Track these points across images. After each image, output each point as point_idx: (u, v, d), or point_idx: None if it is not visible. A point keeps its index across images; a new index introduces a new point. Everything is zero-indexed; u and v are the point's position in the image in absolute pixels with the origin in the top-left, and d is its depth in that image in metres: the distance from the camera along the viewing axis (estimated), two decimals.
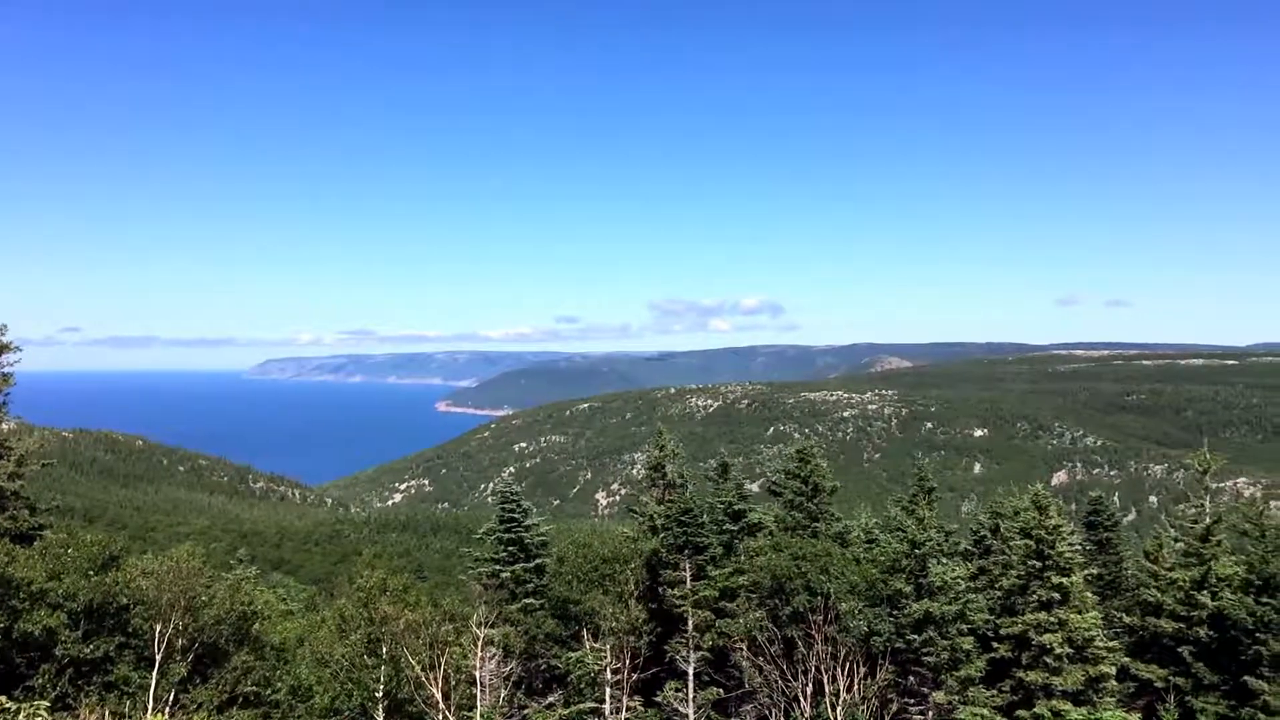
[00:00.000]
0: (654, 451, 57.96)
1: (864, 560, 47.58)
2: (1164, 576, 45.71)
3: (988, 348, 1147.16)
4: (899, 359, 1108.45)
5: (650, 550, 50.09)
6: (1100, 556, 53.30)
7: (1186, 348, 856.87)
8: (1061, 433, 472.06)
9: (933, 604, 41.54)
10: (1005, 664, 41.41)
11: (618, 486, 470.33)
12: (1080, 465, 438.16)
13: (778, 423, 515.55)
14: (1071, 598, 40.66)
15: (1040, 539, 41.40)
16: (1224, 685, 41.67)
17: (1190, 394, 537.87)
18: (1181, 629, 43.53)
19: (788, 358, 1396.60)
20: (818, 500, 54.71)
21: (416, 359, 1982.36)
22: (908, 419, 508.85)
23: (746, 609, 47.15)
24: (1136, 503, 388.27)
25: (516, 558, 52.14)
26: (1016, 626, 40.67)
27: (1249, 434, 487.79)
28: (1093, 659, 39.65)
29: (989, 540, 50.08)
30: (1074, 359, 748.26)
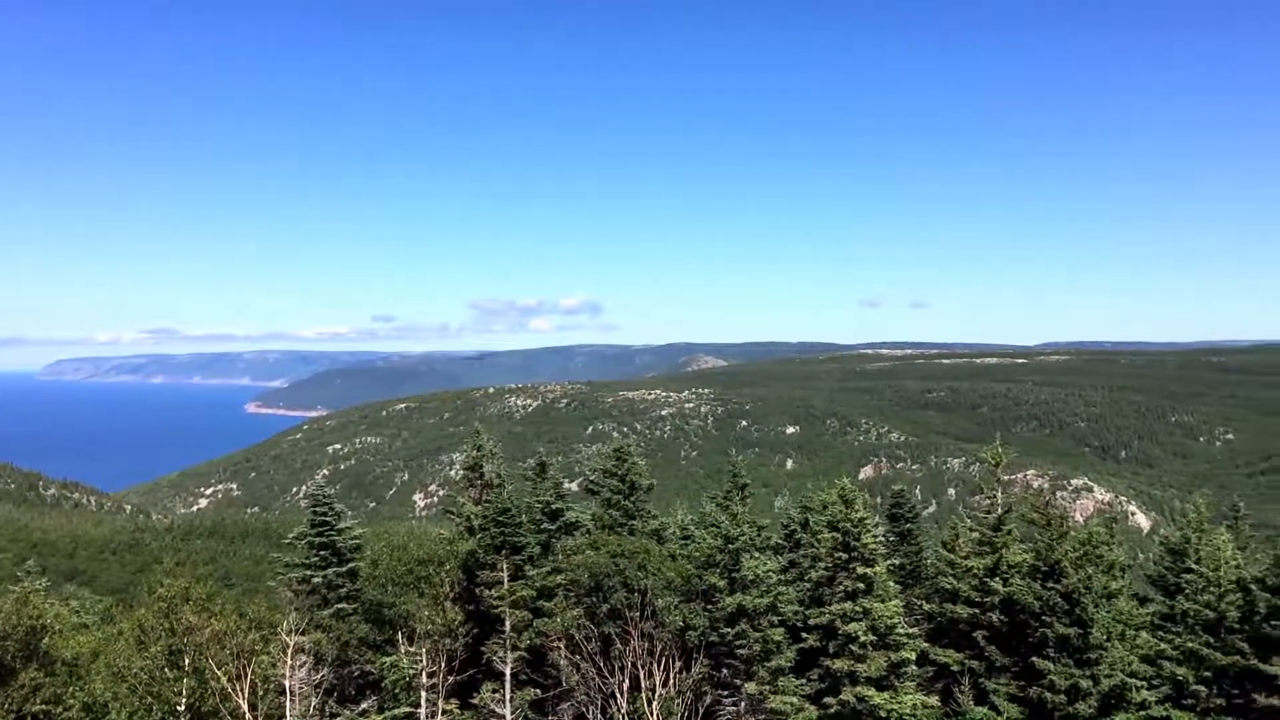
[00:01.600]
0: (471, 452, 57.43)
1: (680, 556, 48.34)
2: (960, 565, 47.93)
3: (800, 347, 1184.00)
4: (715, 358, 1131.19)
5: (467, 551, 49.60)
6: (902, 547, 55.55)
7: (981, 347, 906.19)
8: (868, 429, 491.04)
9: (745, 597, 42.54)
10: (814, 653, 42.73)
11: (436, 488, 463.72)
12: (886, 460, 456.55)
13: (597, 421, 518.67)
14: (875, 587, 42.27)
15: (846, 532, 42.88)
16: (1014, 667, 44.06)
17: (985, 391, 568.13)
18: (976, 614, 45.76)
19: (607, 357, 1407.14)
20: (635, 498, 55.28)
21: (224, 359, 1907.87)
22: (723, 417, 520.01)
23: (564, 608, 47.25)
24: (937, 495, 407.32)
25: (329, 562, 50.79)
26: (824, 617, 42.01)
27: (1038, 428, 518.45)
28: (895, 645, 41.33)
29: (799, 534, 51.59)
30: (880, 358, 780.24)
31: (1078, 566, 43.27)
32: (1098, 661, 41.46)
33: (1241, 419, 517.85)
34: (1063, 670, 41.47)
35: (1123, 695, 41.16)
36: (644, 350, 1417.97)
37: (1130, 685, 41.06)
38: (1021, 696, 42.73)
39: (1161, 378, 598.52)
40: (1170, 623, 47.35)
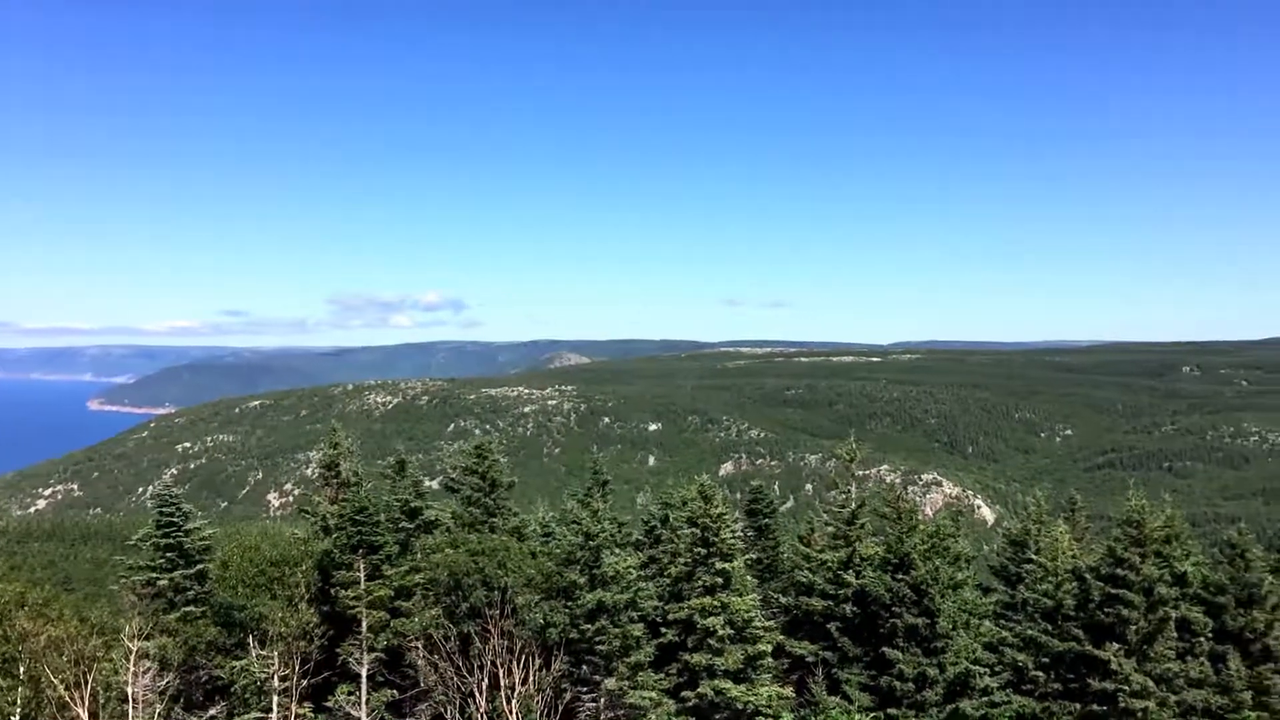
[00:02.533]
0: (328, 449, 56.21)
1: (541, 554, 48.23)
2: (815, 559, 49.06)
3: (662, 345, 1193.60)
4: (578, 355, 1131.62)
5: (322, 551, 48.51)
6: (760, 542, 56.54)
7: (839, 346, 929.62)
8: (729, 426, 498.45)
9: (606, 594, 42.70)
10: (673, 648, 43.18)
11: (291, 486, 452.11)
12: (745, 456, 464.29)
13: (458, 419, 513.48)
14: (733, 582, 42.96)
15: (706, 527, 43.47)
16: (866, 657, 45.36)
17: (842, 389, 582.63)
18: (830, 607, 46.92)
19: (469, 354, 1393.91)
20: (496, 495, 54.91)
21: (65, 354, 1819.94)
22: (586, 414, 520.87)
23: (423, 607, 46.65)
24: (794, 490, 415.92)
25: (175, 564, 49.02)
26: (683, 611, 42.49)
27: (891, 425, 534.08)
28: (751, 639, 42.09)
29: (659, 530, 52.01)
30: (741, 356, 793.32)
31: (926, 559, 44.76)
32: (944, 650, 42.97)
33: (1079, 416, 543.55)
34: (911, 659, 42.87)
35: (967, 682, 42.79)
36: (507, 347, 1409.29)
37: (974, 672, 42.70)
38: (872, 685, 44.03)
39: (1007, 376, 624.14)
40: (1012, 611, 49.46)
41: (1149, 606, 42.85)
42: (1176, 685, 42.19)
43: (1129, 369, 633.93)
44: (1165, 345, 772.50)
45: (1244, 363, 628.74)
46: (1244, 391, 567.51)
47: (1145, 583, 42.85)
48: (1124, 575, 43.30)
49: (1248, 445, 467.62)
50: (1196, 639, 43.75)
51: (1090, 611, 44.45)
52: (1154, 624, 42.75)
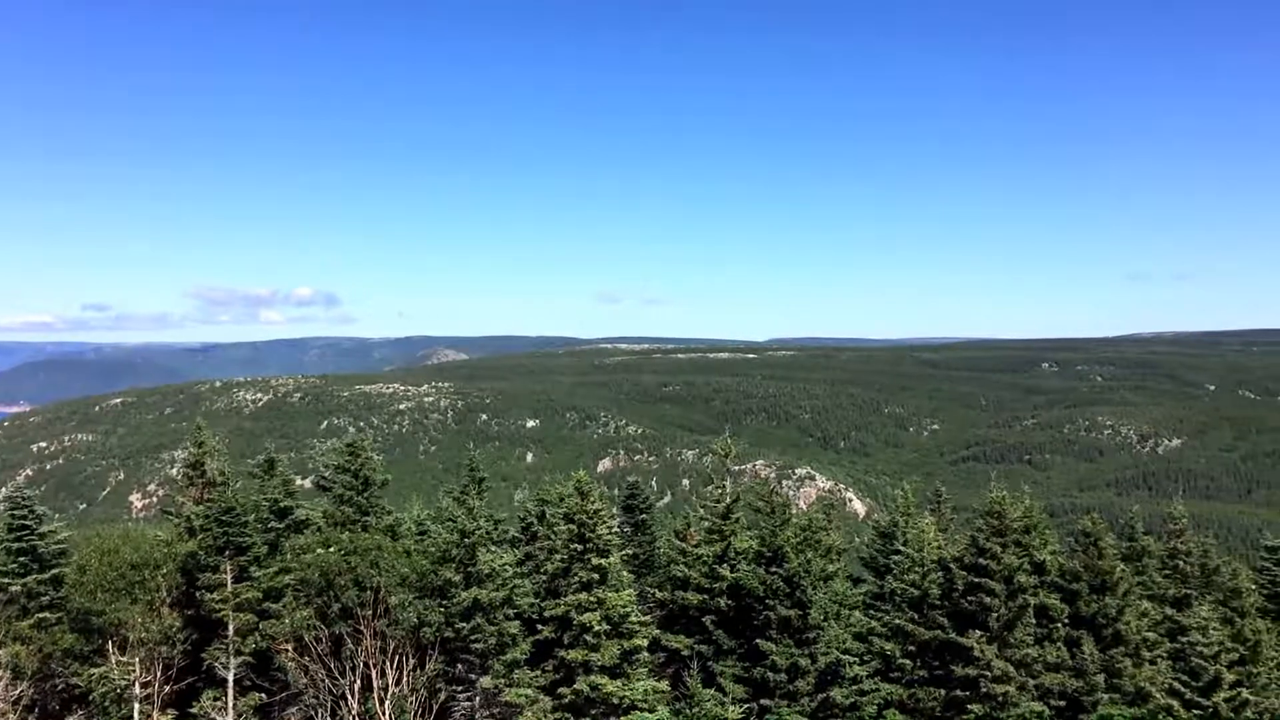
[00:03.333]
0: (193, 448, 54.42)
1: (415, 552, 47.54)
2: (691, 553, 49.48)
3: (540, 341, 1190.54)
4: (455, 351, 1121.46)
5: (187, 553, 46.95)
6: (637, 537, 56.77)
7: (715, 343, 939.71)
8: (607, 422, 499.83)
9: (481, 591, 42.35)
10: (549, 644, 43.06)
11: (155, 487, 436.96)
12: (623, 452, 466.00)
13: (332, 416, 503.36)
14: (609, 577, 43.05)
15: (582, 523, 43.45)
16: (740, 649, 45.93)
17: (718, 385, 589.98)
18: (705, 600, 47.38)
19: (343, 350, 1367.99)
20: (369, 494, 53.94)
21: None
22: (463, 411, 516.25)
23: (293, 608, 45.55)
24: (671, 486, 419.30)
25: (28, 569, 46.98)
26: (560, 608, 42.41)
27: (766, 420, 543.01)
28: (628, 634, 42.24)
29: (536, 527, 51.79)
30: (618, 352, 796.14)
31: (798, 551, 45.55)
32: (815, 640, 43.81)
33: (946, 411, 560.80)
34: (784, 650, 43.58)
35: (838, 671, 43.73)
36: (382, 343, 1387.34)
37: (844, 662, 43.66)
38: (746, 677, 44.60)
39: (877, 372, 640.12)
40: (880, 601, 50.70)
41: (1009, 594, 44.44)
42: (1035, 670, 43.85)
43: (992, 365, 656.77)
44: (1026, 342, 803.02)
45: (1099, 359, 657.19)
46: (1098, 386, 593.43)
47: (1006, 571, 44.41)
48: (986, 564, 44.80)
49: (1101, 438, 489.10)
50: (1053, 625, 45.53)
51: (954, 600, 45.88)
52: (1014, 611, 44.35)
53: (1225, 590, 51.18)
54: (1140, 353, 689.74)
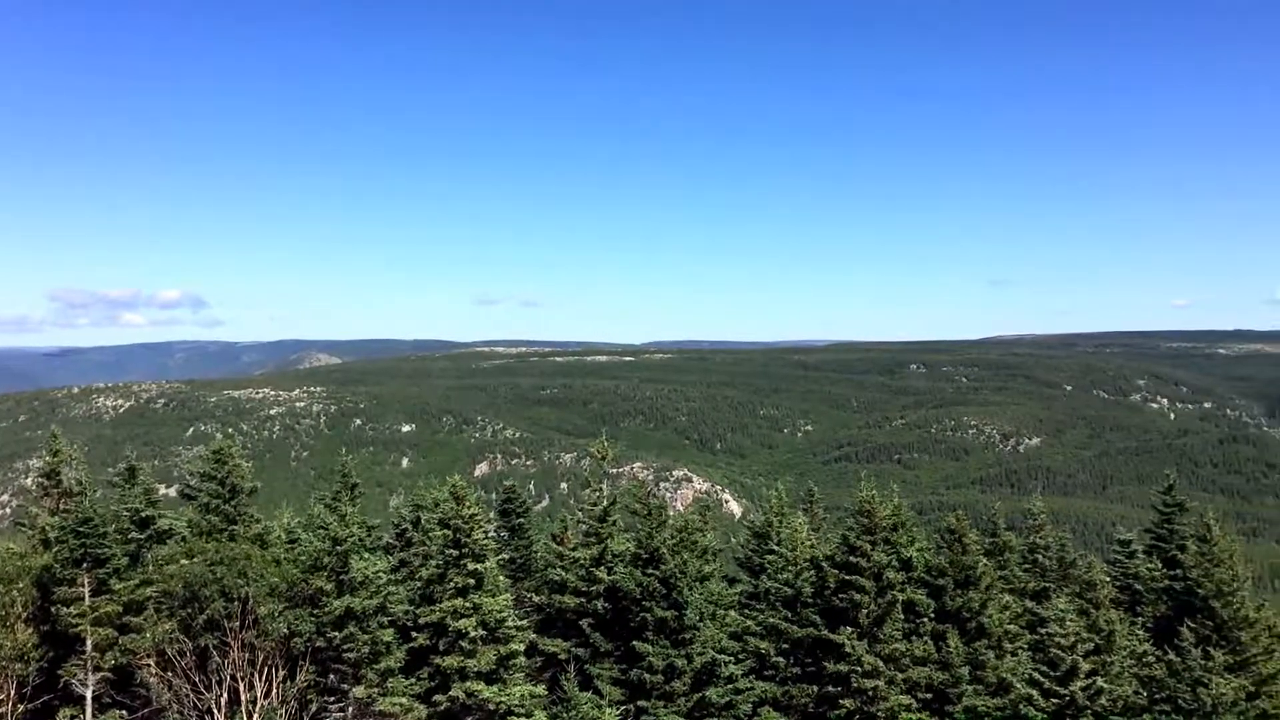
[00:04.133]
0: (47, 457, 52.13)
1: (285, 561, 46.43)
2: (568, 556, 49.45)
3: (415, 345, 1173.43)
4: (329, 355, 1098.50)
5: (42, 566, 44.95)
6: (514, 541, 56.50)
7: (592, 345, 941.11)
8: (484, 426, 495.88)
9: (354, 599, 41.62)
10: (424, 651, 42.49)
11: (8, 498, 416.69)
12: (501, 456, 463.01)
13: (199, 422, 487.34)
14: (486, 582, 42.68)
15: (458, 528, 42.99)
16: (617, 651, 46.08)
17: (596, 388, 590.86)
18: (583, 603, 47.40)
19: (210, 354, 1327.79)
20: (236, 502, 52.44)
21: None
22: (337, 416, 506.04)
23: (155, 622, 44.00)
24: (550, 489, 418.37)
25: None
26: (435, 614, 41.89)
27: (643, 423, 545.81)
28: (504, 639, 41.95)
29: (410, 533, 51.13)
30: (495, 355, 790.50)
31: (675, 553, 45.92)
32: (692, 641, 44.23)
33: (818, 412, 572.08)
34: (660, 651, 43.89)
35: (713, 671, 44.21)
36: (251, 347, 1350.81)
37: (720, 661, 44.18)
38: (623, 679, 44.78)
39: (752, 374, 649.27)
40: (755, 600, 51.40)
41: (879, 591, 45.57)
42: (903, 664, 45.05)
43: (863, 367, 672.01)
44: (895, 345, 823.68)
45: (963, 361, 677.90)
46: (963, 388, 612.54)
47: (875, 568, 45.53)
48: (856, 562, 45.86)
49: (967, 437, 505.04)
50: (920, 619, 46.88)
51: (826, 598, 46.84)
52: (883, 607, 45.51)
53: (1081, 583, 53.33)
54: (1002, 355, 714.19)
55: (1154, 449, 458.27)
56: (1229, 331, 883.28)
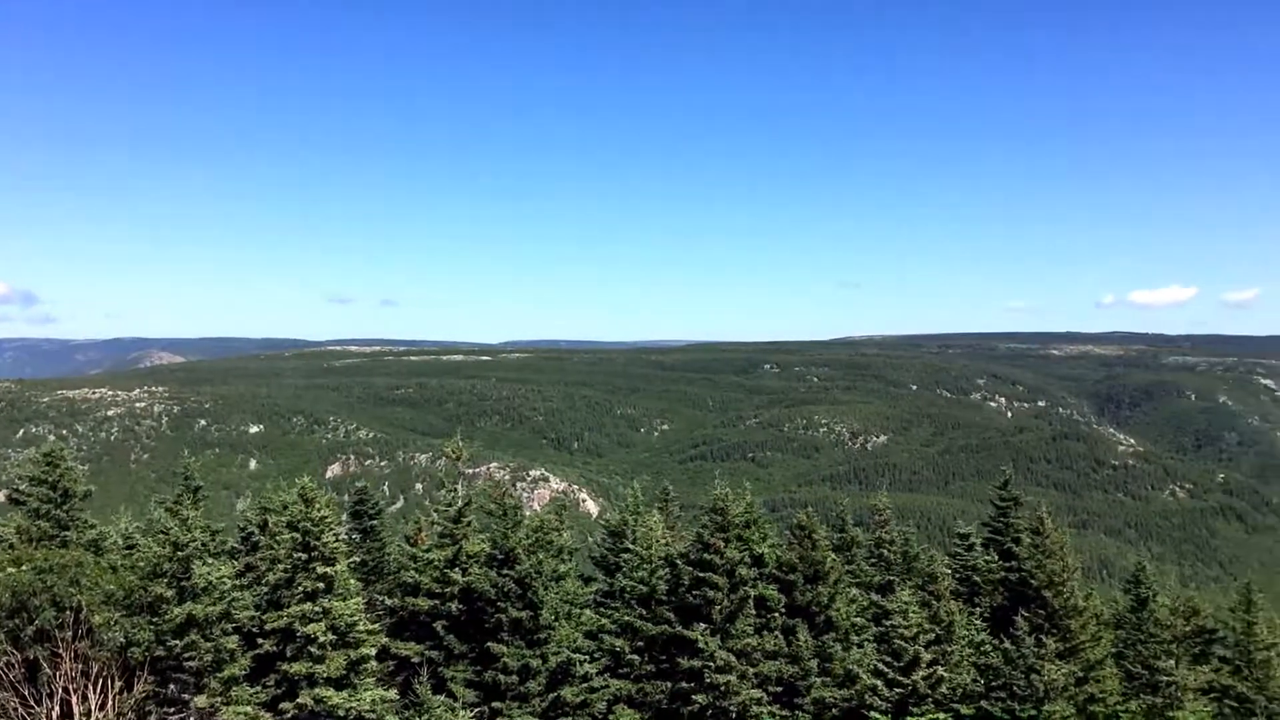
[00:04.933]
0: None
1: (122, 567, 44.51)
2: (422, 558, 48.78)
3: (265, 343, 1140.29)
4: (171, 354, 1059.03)
5: None
6: (366, 543, 55.47)
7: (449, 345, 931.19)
8: (337, 426, 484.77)
9: (196, 606, 40.19)
10: (271, 658, 41.38)
11: None
12: (354, 457, 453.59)
13: (29, 424, 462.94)
14: (336, 586, 41.83)
15: (307, 531, 42.02)
16: (472, 653, 45.67)
17: (452, 387, 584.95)
18: (436, 605, 46.83)
19: (43, 352, 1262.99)
20: (69, 506, 50.04)
21: None
22: (180, 416, 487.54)
23: None
24: (405, 490, 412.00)
25: None
26: (282, 619, 40.84)
27: (500, 423, 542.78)
28: (355, 643, 41.16)
29: (257, 536, 49.66)
30: (349, 354, 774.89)
31: (530, 553, 45.80)
32: (547, 641, 44.18)
33: (675, 411, 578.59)
34: (515, 652, 43.72)
35: (568, 670, 44.25)
36: (87, 345, 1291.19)
37: (575, 660, 44.25)
38: (478, 681, 44.44)
39: (610, 374, 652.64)
40: (610, 599, 51.65)
41: (731, 587, 46.33)
42: (755, 658, 45.91)
43: (718, 367, 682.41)
44: (750, 345, 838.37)
45: (815, 361, 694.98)
46: (814, 387, 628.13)
47: (728, 565, 46.27)
48: (710, 559, 46.52)
49: (818, 435, 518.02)
50: (771, 614, 47.85)
51: (681, 595, 47.37)
52: (736, 603, 46.28)
53: (924, 575, 55.24)
54: (851, 355, 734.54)
55: (992, 446, 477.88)
56: (1061, 333, 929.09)
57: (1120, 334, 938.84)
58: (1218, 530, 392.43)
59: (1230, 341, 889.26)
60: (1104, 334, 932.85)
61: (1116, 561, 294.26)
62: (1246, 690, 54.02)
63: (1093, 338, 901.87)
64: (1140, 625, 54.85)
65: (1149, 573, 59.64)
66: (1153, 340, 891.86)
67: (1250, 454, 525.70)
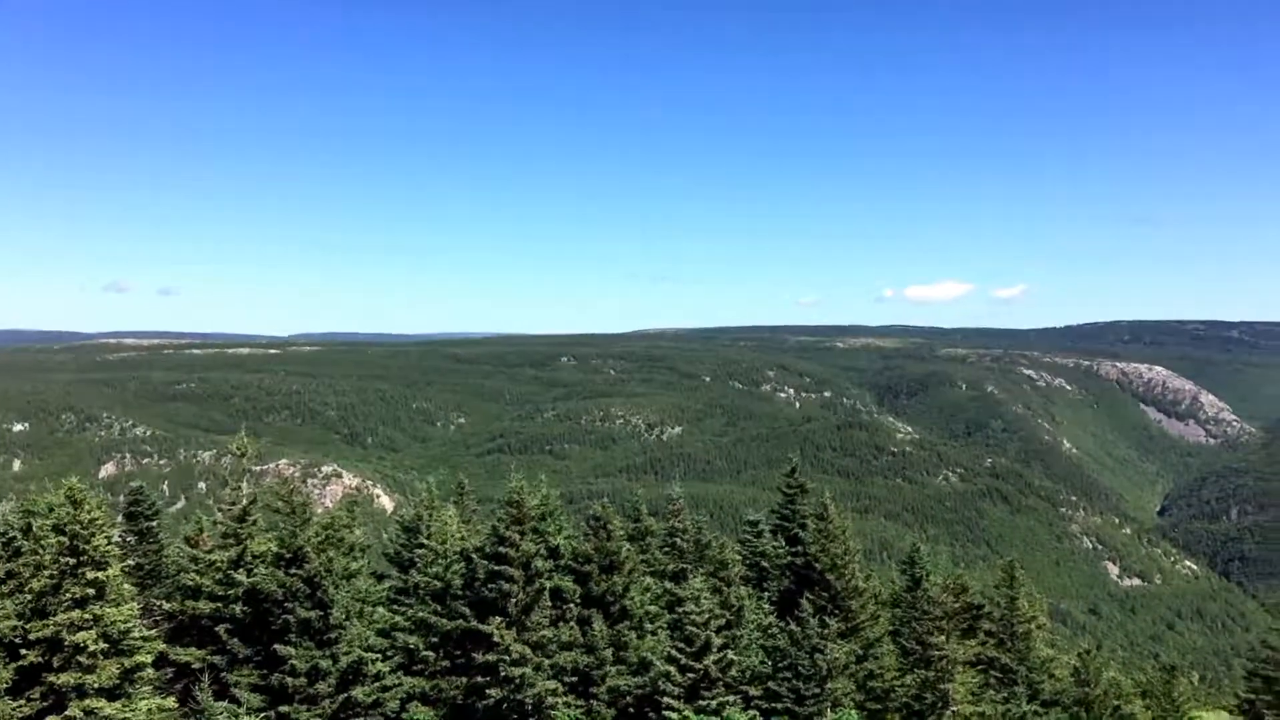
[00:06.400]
0: None
1: None
2: (204, 560, 46.89)
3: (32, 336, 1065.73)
4: None
5: None
6: (141, 546, 52.78)
7: (233, 338, 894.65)
8: (110, 423, 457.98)
9: None
10: (36, 670, 38.83)
11: None
12: (130, 455, 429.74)
13: None
14: (108, 592, 39.61)
15: (75, 534, 39.62)
16: (258, 656, 44.14)
17: (238, 381, 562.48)
18: (219, 608, 45.08)
19: None
20: None
21: None
22: None
23: None
24: (186, 489, 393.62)
25: None
26: (48, 628, 38.42)
27: (290, 418, 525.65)
28: (129, 651, 39.09)
29: (20, 541, 46.45)
30: (124, 348, 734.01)
31: (320, 551, 44.65)
32: (337, 640, 43.14)
33: (472, 405, 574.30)
34: (304, 654, 42.51)
35: (360, 670, 43.31)
36: None
37: (367, 659, 43.33)
38: (264, 684, 43.00)
39: (405, 367, 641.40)
40: (405, 596, 50.90)
41: (527, 579, 46.34)
42: (550, 650, 46.06)
43: (516, 360, 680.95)
44: (548, 338, 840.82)
45: (612, 353, 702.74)
46: (611, 379, 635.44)
47: (524, 558, 46.24)
48: (505, 552, 46.37)
49: (615, 427, 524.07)
50: (567, 605, 48.12)
51: (476, 589, 47.06)
52: (531, 595, 46.33)
53: (715, 562, 56.71)
54: (647, 347, 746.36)
55: (782, 435, 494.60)
56: (845, 326, 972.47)
57: (899, 327, 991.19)
58: (985, 512, 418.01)
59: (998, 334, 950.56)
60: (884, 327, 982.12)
61: (895, 544, 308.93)
62: (1009, 661, 57.92)
63: (874, 331, 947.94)
64: (915, 604, 57.78)
65: (923, 554, 62.92)
66: (928, 333, 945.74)
67: (1015, 440, 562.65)
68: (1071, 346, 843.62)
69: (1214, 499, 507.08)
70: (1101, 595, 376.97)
